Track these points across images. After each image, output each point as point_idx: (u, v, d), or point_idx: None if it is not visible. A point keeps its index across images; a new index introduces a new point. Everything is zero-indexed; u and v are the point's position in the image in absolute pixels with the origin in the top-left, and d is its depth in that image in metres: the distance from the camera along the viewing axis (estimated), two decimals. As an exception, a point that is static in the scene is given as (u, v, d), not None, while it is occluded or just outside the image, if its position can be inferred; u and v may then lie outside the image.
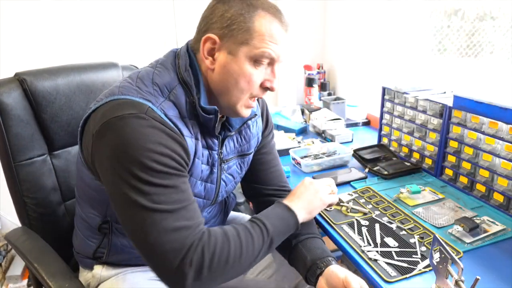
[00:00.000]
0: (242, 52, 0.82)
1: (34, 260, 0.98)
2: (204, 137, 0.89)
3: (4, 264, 2.05)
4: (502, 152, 1.11)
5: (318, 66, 2.28)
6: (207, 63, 0.85)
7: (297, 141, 1.73)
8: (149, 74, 0.85)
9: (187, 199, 0.78)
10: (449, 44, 1.76)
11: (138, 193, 0.73)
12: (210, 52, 0.84)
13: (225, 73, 0.84)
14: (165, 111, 0.80)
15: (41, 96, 1.10)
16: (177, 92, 0.83)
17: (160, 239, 0.73)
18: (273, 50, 0.83)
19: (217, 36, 0.82)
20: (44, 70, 1.14)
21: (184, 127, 0.83)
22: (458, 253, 0.94)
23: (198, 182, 0.90)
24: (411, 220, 1.08)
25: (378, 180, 1.35)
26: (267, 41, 0.82)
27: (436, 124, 1.35)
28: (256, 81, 0.85)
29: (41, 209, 1.11)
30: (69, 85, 1.15)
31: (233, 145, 0.98)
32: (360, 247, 0.97)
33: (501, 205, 1.13)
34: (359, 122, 2.00)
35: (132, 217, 0.75)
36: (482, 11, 1.60)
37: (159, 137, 0.75)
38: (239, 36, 0.81)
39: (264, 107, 1.11)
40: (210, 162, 0.92)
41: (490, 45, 1.58)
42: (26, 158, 1.08)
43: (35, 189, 1.10)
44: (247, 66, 0.83)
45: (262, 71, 0.85)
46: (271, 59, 0.85)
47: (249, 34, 0.81)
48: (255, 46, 0.82)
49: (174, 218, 0.74)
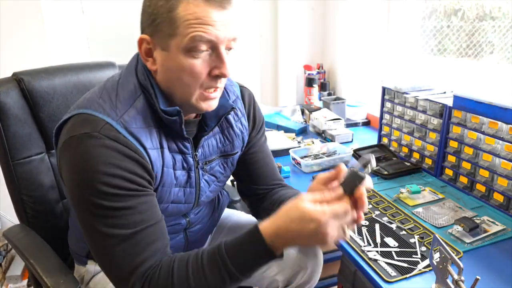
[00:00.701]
0: (173, 46, 0.75)
1: (30, 256, 1.00)
2: (174, 142, 0.85)
3: (4, 264, 2.04)
4: (502, 152, 1.11)
5: (318, 66, 2.28)
6: (149, 65, 0.80)
7: (297, 141, 1.73)
8: (114, 84, 0.82)
9: (147, 220, 0.76)
10: (449, 44, 1.76)
11: (93, 217, 0.74)
12: (149, 53, 0.80)
13: (166, 71, 0.79)
14: (126, 124, 0.76)
15: (39, 96, 1.11)
16: (140, 100, 0.80)
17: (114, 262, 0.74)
18: (206, 32, 0.74)
19: (148, 35, 0.78)
20: (42, 70, 1.15)
21: (148, 138, 0.79)
22: (458, 253, 0.94)
23: (175, 189, 0.88)
24: (411, 220, 1.08)
25: (378, 180, 1.35)
26: (195, 25, 0.73)
27: (436, 124, 1.35)
28: (199, 72, 0.77)
29: (39, 207, 1.12)
30: (66, 84, 1.16)
31: (216, 145, 0.95)
32: (360, 247, 0.97)
33: (501, 205, 1.13)
34: (359, 122, 2.00)
35: (91, 238, 0.77)
36: (482, 11, 1.59)
37: (111, 158, 0.73)
38: (164, 29, 0.75)
39: (251, 106, 1.04)
40: (186, 167, 0.88)
41: (490, 45, 1.58)
42: (24, 156, 1.09)
43: (33, 187, 1.11)
44: (183, 59, 0.76)
45: (204, 59, 0.77)
46: (210, 43, 0.76)
47: (173, 24, 0.74)
48: (182, 34, 0.74)
49: (129, 244, 0.74)
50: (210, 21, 0.74)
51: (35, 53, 1.88)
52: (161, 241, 0.78)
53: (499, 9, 1.54)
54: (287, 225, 0.70)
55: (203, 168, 0.94)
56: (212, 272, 0.74)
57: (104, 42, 2.05)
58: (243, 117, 1.00)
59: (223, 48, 0.78)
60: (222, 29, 0.75)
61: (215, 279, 0.73)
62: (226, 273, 0.73)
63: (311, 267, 1.10)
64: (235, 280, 0.74)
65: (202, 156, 0.93)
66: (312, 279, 1.16)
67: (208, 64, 0.78)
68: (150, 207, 0.77)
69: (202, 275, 0.74)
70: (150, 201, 0.78)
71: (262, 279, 1.13)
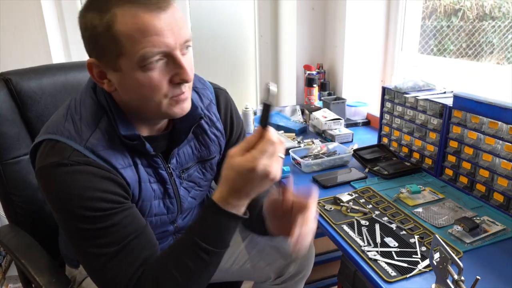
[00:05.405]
0: (124, 65, 0.71)
1: (21, 256, 1.01)
2: (145, 158, 0.84)
3: (4, 264, 2.04)
4: (502, 152, 1.11)
5: (318, 66, 2.27)
6: (106, 87, 0.77)
7: (297, 141, 1.73)
8: (77, 105, 0.80)
9: (132, 232, 0.76)
10: (449, 44, 1.76)
11: (80, 239, 0.75)
12: (102, 76, 0.76)
13: (125, 90, 0.75)
14: (93, 148, 0.75)
15: (27, 96, 1.10)
16: (104, 121, 0.78)
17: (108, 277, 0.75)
18: (155, 45, 0.68)
19: (95, 59, 0.73)
20: (30, 70, 1.15)
21: (118, 158, 0.78)
22: (458, 253, 0.94)
23: (155, 202, 0.87)
24: (411, 220, 1.08)
25: (378, 180, 1.35)
26: (141, 39, 0.68)
27: (436, 124, 1.35)
28: (158, 84, 0.72)
29: (28, 206, 1.13)
30: (54, 84, 1.16)
31: (191, 152, 0.93)
32: (360, 247, 0.97)
33: (501, 205, 1.13)
34: (359, 122, 2.00)
35: (82, 257, 0.78)
36: (482, 11, 1.59)
37: (85, 181, 0.72)
38: (109, 50, 0.70)
39: (228, 110, 0.99)
40: (160, 180, 0.87)
41: (490, 45, 1.59)
42: (13, 156, 1.10)
43: (22, 187, 1.11)
44: (138, 75, 0.71)
45: (162, 68, 0.72)
46: (163, 53, 0.71)
47: (116, 43, 0.68)
48: (129, 53, 0.69)
49: (119, 258, 0.74)
50: (154, 30, 0.68)
51: (35, 53, 1.87)
52: (150, 247, 0.78)
53: (499, 9, 1.54)
54: (234, 185, 0.70)
55: (180, 177, 0.92)
56: (189, 257, 0.73)
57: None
58: (218, 122, 0.96)
59: (178, 53, 0.72)
60: (170, 34, 0.70)
61: (196, 263, 0.73)
62: (202, 252, 0.73)
63: (301, 258, 1.10)
64: (213, 255, 0.74)
65: (178, 165, 0.91)
66: (304, 270, 1.17)
67: (167, 72, 0.73)
68: (132, 219, 0.78)
69: (183, 264, 0.74)
70: (131, 213, 0.78)
71: (254, 272, 1.14)
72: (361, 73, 2.15)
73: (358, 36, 2.07)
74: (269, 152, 0.67)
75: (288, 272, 1.15)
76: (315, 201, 0.80)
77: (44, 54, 1.87)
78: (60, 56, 1.93)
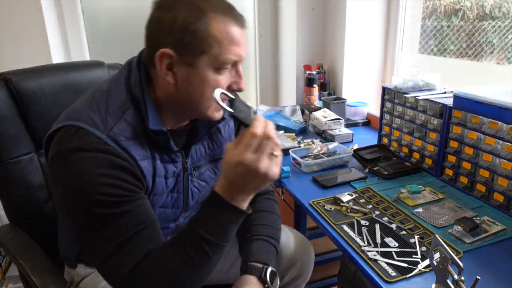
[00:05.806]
0: (202, 63, 0.77)
1: (19, 256, 1.01)
2: (166, 153, 0.86)
3: (4, 264, 2.04)
4: (502, 152, 1.11)
5: (318, 66, 2.27)
6: (168, 78, 0.80)
7: (297, 141, 1.73)
8: (103, 95, 0.82)
9: (143, 222, 0.77)
10: (449, 44, 1.76)
11: (91, 225, 0.75)
12: (169, 67, 0.79)
13: (188, 86, 0.80)
14: (115, 137, 0.77)
15: (27, 96, 1.10)
16: (130, 113, 0.81)
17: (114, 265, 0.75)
18: (236, 53, 0.79)
19: (172, 51, 0.77)
20: (29, 70, 1.15)
21: (138, 150, 0.80)
22: (458, 253, 0.94)
23: (164, 195, 0.89)
24: (411, 220, 1.08)
25: (378, 180, 1.35)
26: (227, 46, 0.77)
27: (436, 124, 1.35)
28: (222, 87, 0.80)
29: (28, 206, 1.13)
30: (54, 84, 1.16)
31: (204, 151, 0.96)
32: (360, 247, 0.97)
33: (501, 205, 1.13)
34: (359, 122, 2.00)
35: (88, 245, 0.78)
36: (482, 11, 1.59)
37: (103, 168, 0.74)
38: (195, 48, 0.76)
39: None
40: (176, 173, 0.90)
41: (490, 45, 1.58)
42: (13, 156, 1.09)
43: (22, 187, 1.11)
44: (210, 76, 0.79)
45: (227, 75, 0.81)
46: (233, 62, 0.80)
47: (206, 44, 0.76)
48: (215, 54, 0.77)
49: (128, 246, 0.75)
50: (237, 42, 0.78)
51: (35, 53, 1.87)
52: (156, 240, 0.79)
53: (499, 9, 1.54)
54: (231, 180, 0.74)
55: (191, 174, 0.94)
56: (193, 248, 0.75)
57: (104, 42, 2.05)
58: (231, 121, 1.02)
59: (240, 65, 0.83)
60: (244, 48, 0.81)
61: (198, 254, 0.75)
62: (205, 244, 0.75)
63: (301, 262, 1.11)
64: (215, 247, 0.76)
65: (191, 162, 0.94)
66: (304, 273, 1.18)
67: (229, 79, 0.82)
68: (144, 210, 0.79)
69: (186, 254, 0.75)
70: (143, 204, 0.80)
71: None
72: (361, 73, 2.15)
73: (358, 36, 2.07)
74: (256, 147, 0.72)
75: (289, 276, 1.15)
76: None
77: (44, 54, 1.87)
78: (60, 56, 1.93)
